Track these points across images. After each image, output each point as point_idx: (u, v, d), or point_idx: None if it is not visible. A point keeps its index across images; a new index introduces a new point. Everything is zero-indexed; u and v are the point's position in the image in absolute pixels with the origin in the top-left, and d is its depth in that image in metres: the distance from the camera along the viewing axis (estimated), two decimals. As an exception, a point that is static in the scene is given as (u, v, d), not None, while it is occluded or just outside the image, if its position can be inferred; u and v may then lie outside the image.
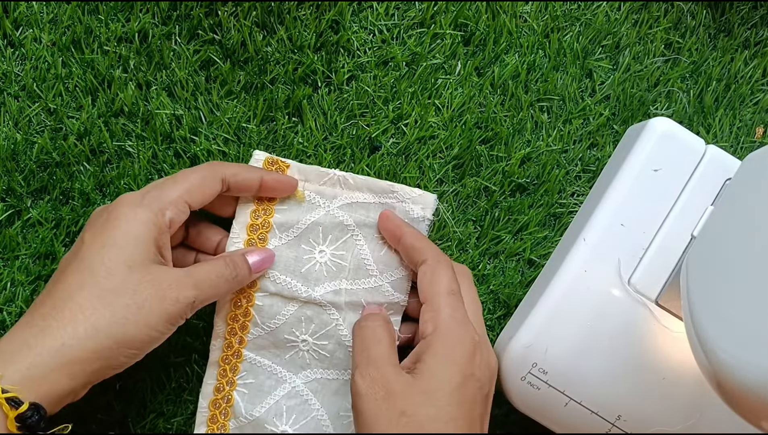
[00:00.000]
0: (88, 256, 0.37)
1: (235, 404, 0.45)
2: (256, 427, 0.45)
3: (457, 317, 0.40)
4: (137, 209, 0.38)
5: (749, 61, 0.51)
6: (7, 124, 0.47)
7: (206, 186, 0.41)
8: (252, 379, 0.45)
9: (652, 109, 0.50)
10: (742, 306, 0.31)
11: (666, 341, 0.42)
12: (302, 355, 0.45)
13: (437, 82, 0.49)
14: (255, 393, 0.45)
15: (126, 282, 0.37)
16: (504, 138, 0.49)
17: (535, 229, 0.49)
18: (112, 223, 0.38)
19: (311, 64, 0.48)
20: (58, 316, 0.35)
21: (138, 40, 0.48)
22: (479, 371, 0.39)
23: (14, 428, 0.34)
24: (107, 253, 0.37)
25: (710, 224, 0.42)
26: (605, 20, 0.50)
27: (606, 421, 0.43)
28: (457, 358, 0.39)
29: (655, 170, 0.44)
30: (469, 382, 0.39)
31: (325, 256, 0.45)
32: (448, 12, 0.49)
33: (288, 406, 0.45)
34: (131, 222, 0.38)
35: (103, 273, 0.37)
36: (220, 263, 0.41)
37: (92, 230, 0.39)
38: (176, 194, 0.40)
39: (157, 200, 0.39)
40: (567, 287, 0.43)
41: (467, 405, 0.38)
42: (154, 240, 0.39)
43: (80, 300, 0.36)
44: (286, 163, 0.45)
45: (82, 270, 0.37)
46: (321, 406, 0.45)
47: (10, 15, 0.47)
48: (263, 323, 0.45)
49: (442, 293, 0.41)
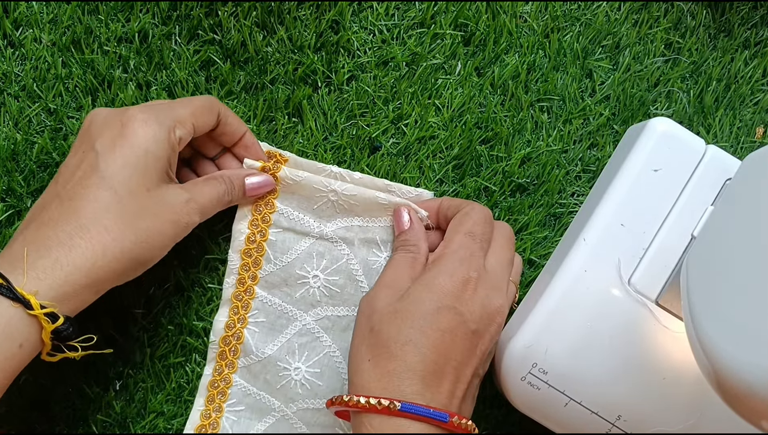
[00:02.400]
0: (108, 174, 0.38)
1: (245, 342, 0.46)
2: (266, 365, 0.46)
3: (458, 253, 0.41)
4: (153, 126, 0.39)
5: (749, 61, 0.51)
6: (7, 124, 0.47)
7: (207, 114, 0.42)
8: (263, 317, 0.46)
9: (652, 109, 0.50)
10: (742, 306, 0.31)
11: (666, 341, 0.42)
12: (313, 292, 0.46)
13: (437, 82, 0.49)
14: (266, 331, 0.46)
15: (146, 204, 0.38)
16: (504, 138, 0.49)
17: (535, 229, 0.49)
18: (129, 139, 0.38)
19: (311, 64, 0.48)
20: (86, 237, 0.37)
21: (138, 40, 0.48)
22: (464, 306, 0.40)
23: (48, 339, 0.36)
24: (128, 173, 0.38)
25: (710, 224, 0.42)
26: (605, 20, 0.50)
27: (606, 421, 0.43)
28: (437, 286, 0.40)
29: (655, 170, 0.44)
30: (446, 312, 0.39)
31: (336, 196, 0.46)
32: (448, 12, 0.49)
33: (300, 344, 0.46)
34: (150, 141, 0.39)
35: (126, 194, 0.38)
36: (221, 186, 0.43)
37: (105, 142, 0.39)
38: (186, 113, 0.41)
39: (169, 118, 0.40)
40: (567, 287, 0.43)
41: (436, 333, 0.39)
42: (167, 158, 0.40)
43: (106, 222, 0.37)
44: (285, 156, 0.46)
45: (105, 188, 0.38)
46: (332, 342, 0.46)
47: (10, 15, 0.47)
48: (276, 259, 0.46)
49: (459, 232, 0.42)
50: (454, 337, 0.39)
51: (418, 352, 0.38)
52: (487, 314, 0.40)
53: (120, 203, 0.38)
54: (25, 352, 0.35)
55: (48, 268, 0.36)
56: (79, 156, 0.39)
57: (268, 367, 0.46)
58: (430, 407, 0.38)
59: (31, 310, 0.35)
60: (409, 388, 0.38)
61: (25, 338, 0.35)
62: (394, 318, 0.39)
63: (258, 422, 0.46)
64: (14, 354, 0.35)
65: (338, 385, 0.46)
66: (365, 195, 0.45)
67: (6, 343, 0.34)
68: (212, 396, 0.46)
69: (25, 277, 0.35)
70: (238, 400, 0.46)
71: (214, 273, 0.47)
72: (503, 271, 0.43)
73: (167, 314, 0.47)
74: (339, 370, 0.46)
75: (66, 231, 0.37)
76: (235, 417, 0.46)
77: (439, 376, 0.39)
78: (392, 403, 0.37)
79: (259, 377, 0.46)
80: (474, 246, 0.42)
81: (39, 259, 0.36)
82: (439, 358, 0.39)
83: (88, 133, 0.40)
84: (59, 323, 0.36)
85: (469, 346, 0.40)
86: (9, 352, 0.35)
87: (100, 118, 0.40)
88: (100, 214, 0.37)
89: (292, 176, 0.45)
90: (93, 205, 0.37)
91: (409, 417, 0.37)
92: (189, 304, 0.47)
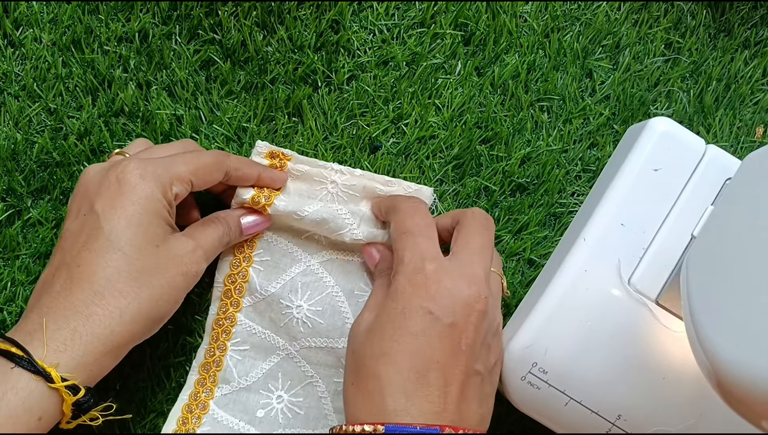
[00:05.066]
0: (114, 236, 0.37)
1: (250, 280, 0.46)
2: (270, 303, 0.46)
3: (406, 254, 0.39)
4: (149, 183, 0.38)
5: (749, 61, 0.51)
6: (8, 124, 0.47)
7: (211, 173, 0.41)
8: (268, 256, 0.46)
9: (652, 109, 0.50)
10: (742, 306, 0.31)
11: (666, 341, 0.42)
12: (318, 238, 0.46)
13: (437, 82, 0.49)
14: (270, 270, 0.46)
15: (156, 261, 0.38)
16: (504, 138, 0.49)
17: (535, 229, 0.49)
18: (128, 197, 0.38)
19: (311, 64, 0.48)
20: (102, 304, 0.36)
21: (138, 39, 0.48)
22: (431, 302, 0.37)
23: (68, 411, 0.36)
24: (133, 232, 0.37)
25: (710, 224, 0.42)
26: (605, 20, 0.50)
27: (606, 421, 0.43)
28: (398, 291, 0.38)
29: (655, 170, 0.44)
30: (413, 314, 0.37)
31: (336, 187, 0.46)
32: (448, 12, 0.49)
33: (303, 283, 0.46)
34: (148, 197, 0.38)
35: (134, 254, 0.37)
36: (221, 230, 0.42)
37: (104, 202, 0.38)
38: (185, 171, 0.40)
39: (166, 174, 0.39)
40: (567, 287, 0.43)
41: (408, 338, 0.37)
42: (167, 213, 0.39)
43: (119, 285, 0.37)
44: (287, 155, 0.46)
45: (113, 250, 0.37)
46: (335, 283, 0.46)
47: (10, 15, 0.47)
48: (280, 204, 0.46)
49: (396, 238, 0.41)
50: (428, 338, 0.37)
51: (393, 363, 0.36)
52: (461, 304, 0.37)
53: (130, 264, 0.37)
54: (43, 425, 0.35)
55: (68, 339, 0.35)
56: (80, 219, 0.38)
57: (273, 305, 0.46)
58: (417, 424, 0.35)
59: (52, 383, 0.34)
60: (393, 404, 0.36)
61: (45, 411, 0.35)
62: (369, 336, 0.38)
63: (263, 362, 0.46)
64: (33, 427, 0.34)
65: (339, 324, 0.46)
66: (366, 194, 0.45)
67: (25, 416, 0.34)
68: (216, 334, 0.46)
69: (45, 350, 0.35)
70: (242, 340, 0.46)
71: (214, 272, 0.47)
72: (472, 256, 0.39)
73: (167, 314, 0.47)
74: (341, 310, 0.46)
75: (81, 299, 0.36)
76: (240, 356, 0.46)
77: (422, 384, 0.36)
78: (375, 428, 0.35)
79: (264, 315, 0.46)
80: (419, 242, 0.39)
81: (57, 331, 0.35)
82: (417, 364, 0.36)
83: (84, 193, 0.39)
84: (80, 395, 0.35)
85: (450, 343, 0.37)
86: (27, 425, 0.34)
87: (95, 178, 0.39)
88: (113, 277, 0.37)
89: (294, 170, 0.45)
90: (104, 269, 0.37)
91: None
92: (189, 304, 0.47)
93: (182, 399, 0.45)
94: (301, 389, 0.46)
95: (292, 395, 0.46)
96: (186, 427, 0.45)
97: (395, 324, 0.37)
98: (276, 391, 0.46)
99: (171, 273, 0.39)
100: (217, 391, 0.46)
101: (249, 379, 0.46)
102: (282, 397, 0.46)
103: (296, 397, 0.46)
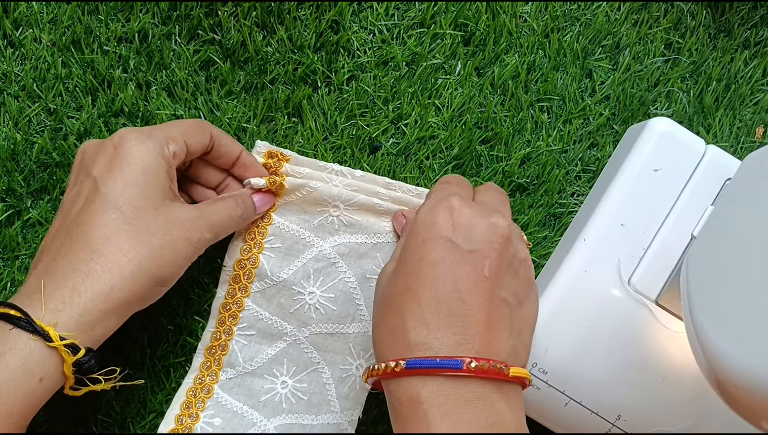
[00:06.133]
0: (112, 195, 0.37)
1: (260, 266, 0.45)
2: (281, 289, 0.46)
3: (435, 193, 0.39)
4: (146, 143, 0.38)
5: (749, 61, 0.51)
6: (7, 124, 0.47)
7: (198, 133, 0.41)
8: (279, 243, 0.46)
9: (652, 109, 0.50)
10: (742, 306, 0.31)
11: (666, 341, 0.42)
12: (332, 220, 0.46)
13: (437, 82, 0.49)
14: (282, 256, 0.46)
15: (156, 222, 0.38)
16: (504, 138, 0.49)
17: (535, 229, 0.49)
18: (125, 159, 0.38)
19: (311, 64, 0.48)
20: (101, 261, 0.36)
21: (138, 40, 0.48)
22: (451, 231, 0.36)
23: (70, 372, 0.35)
24: (131, 192, 0.37)
25: (710, 224, 0.42)
26: (605, 20, 0.50)
27: (606, 421, 0.43)
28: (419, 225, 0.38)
29: (655, 170, 0.44)
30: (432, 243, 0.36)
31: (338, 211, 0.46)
32: (448, 12, 0.49)
33: (315, 269, 0.46)
34: (145, 157, 0.38)
35: (133, 213, 0.37)
36: (230, 203, 0.42)
37: (101, 167, 0.38)
38: (177, 131, 0.40)
39: (161, 136, 0.39)
40: (567, 287, 0.43)
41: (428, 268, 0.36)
42: (166, 173, 0.39)
43: (119, 243, 0.37)
44: (286, 155, 0.46)
45: (111, 210, 0.37)
46: (348, 268, 0.46)
47: (10, 15, 0.47)
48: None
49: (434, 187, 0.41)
50: (448, 265, 0.35)
51: (414, 296, 0.35)
52: (483, 230, 0.36)
53: (129, 223, 0.37)
54: (46, 387, 0.34)
55: (66, 297, 0.35)
56: (78, 186, 0.38)
57: (283, 291, 0.46)
58: (437, 357, 0.34)
59: (51, 343, 0.34)
60: (415, 337, 0.34)
61: (45, 372, 0.34)
62: (392, 276, 0.38)
63: (268, 347, 0.46)
64: (35, 389, 0.34)
65: (351, 311, 0.46)
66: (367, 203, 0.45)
67: (26, 378, 0.34)
68: (223, 318, 0.46)
69: (43, 310, 0.34)
70: (249, 325, 0.46)
71: (215, 274, 0.47)
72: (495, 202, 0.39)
73: (167, 314, 0.47)
74: (353, 295, 0.46)
75: (80, 257, 0.36)
76: (246, 341, 0.46)
77: (444, 314, 0.35)
78: (397, 363, 0.34)
79: (273, 301, 0.46)
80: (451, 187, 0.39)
81: (56, 290, 0.35)
82: (439, 294, 0.35)
83: (81, 163, 0.39)
84: (80, 355, 0.35)
85: (473, 270, 0.35)
86: (29, 387, 0.34)
87: (91, 147, 0.39)
88: (111, 236, 0.37)
89: (294, 174, 0.45)
90: (102, 228, 0.37)
91: (417, 373, 0.34)
92: (189, 304, 0.47)
93: (187, 383, 0.46)
94: (306, 375, 0.46)
95: (296, 381, 0.46)
96: (189, 411, 0.45)
97: (415, 257, 0.36)
98: (281, 376, 0.46)
99: (172, 235, 0.38)
100: (222, 375, 0.46)
101: (254, 364, 0.46)
102: (286, 383, 0.46)
103: (301, 383, 0.46)
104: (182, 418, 0.45)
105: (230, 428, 0.45)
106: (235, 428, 0.45)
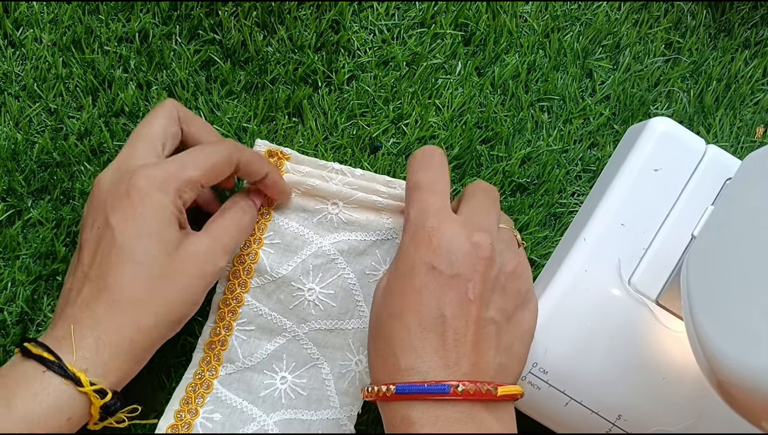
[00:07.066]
0: (128, 247, 0.38)
1: (260, 261, 0.46)
2: (281, 285, 0.46)
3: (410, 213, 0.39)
4: (156, 195, 0.39)
5: (749, 60, 0.51)
6: (8, 124, 0.47)
7: (222, 170, 0.41)
8: (279, 239, 0.46)
9: (653, 109, 0.50)
10: (742, 306, 0.31)
11: (666, 341, 0.42)
12: (330, 217, 0.46)
13: (437, 82, 0.49)
14: (281, 252, 0.46)
15: (171, 267, 0.39)
16: (504, 138, 0.49)
17: (535, 229, 0.49)
18: (137, 210, 0.38)
19: (311, 64, 0.48)
20: (121, 313, 0.38)
21: (138, 40, 0.48)
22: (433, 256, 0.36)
23: (96, 413, 0.37)
24: (145, 242, 0.38)
25: (710, 224, 0.42)
26: (605, 20, 0.50)
27: (606, 421, 0.43)
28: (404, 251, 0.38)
29: (656, 170, 0.44)
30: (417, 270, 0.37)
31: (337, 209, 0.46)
32: (448, 12, 0.49)
33: (315, 265, 0.46)
34: (158, 208, 0.39)
35: (149, 262, 0.38)
36: (237, 213, 0.43)
37: (118, 215, 0.39)
38: (197, 175, 0.40)
39: (175, 182, 0.39)
40: (567, 287, 0.43)
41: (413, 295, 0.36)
42: (178, 218, 0.40)
43: (136, 296, 0.38)
44: (287, 154, 0.46)
45: (127, 261, 0.38)
46: (347, 264, 0.46)
47: (10, 15, 0.47)
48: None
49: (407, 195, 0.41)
50: (432, 292, 0.36)
51: (402, 322, 0.36)
52: (464, 254, 0.36)
53: (145, 273, 0.38)
54: (72, 425, 0.37)
55: (92, 347, 0.37)
56: (96, 232, 0.39)
57: (282, 287, 0.46)
58: (425, 382, 0.35)
59: (81, 388, 0.36)
60: (405, 363, 0.36)
61: (74, 412, 0.36)
62: (383, 298, 0.38)
63: (268, 342, 0.46)
64: (62, 426, 0.36)
65: (351, 307, 0.46)
66: (366, 201, 0.45)
67: (55, 417, 0.36)
68: (223, 314, 0.46)
69: (74, 355, 0.36)
70: (248, 320, 0.46)
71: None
72: (474, 209, 0.39)
73: (168, 314, 0.47)
74: (352, 292, 0.46)
75: (101, 311, 0.37)
76: (245, 336, 0.46)
77: (431, 339, 0.36)
78: (388, 388, 0.36)
79: (272, 296, 0.46)
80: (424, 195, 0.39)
81: (83, 339, 0.37)
82: (424, 319, 0.36)
83: (97, 206, 0.40)
84: (107, 399, 0.37)
85: (456, 295, 0.36)
86: (57, 424, 0.36)
87: (106, 183, 0.40)
88: (128, 288, 0.38)
89: (293, 172, 0.45)
90: (120, 281, 0.38)
91: (406, 398, 0.35)
92: (189, 304, 0.47)
93: (186, 378, 0.46)
94: (305, 371, 0.46)
95: (296, 377, 0.46)
96: (189, 407, 0.45)
97: (402, 283, 0.37)
98: (280, 371, 0.46)
99: (186, 276, 0.39)
100: (221, 371, 0.46)
101: (253, 360, 0.46)
102: (286, 378, 0.46)
103: (300, 378, 0.46)
104: (181, 413, 0.45)
105: (229, 423, 0.45)
106: (235, 423, 0.45)
